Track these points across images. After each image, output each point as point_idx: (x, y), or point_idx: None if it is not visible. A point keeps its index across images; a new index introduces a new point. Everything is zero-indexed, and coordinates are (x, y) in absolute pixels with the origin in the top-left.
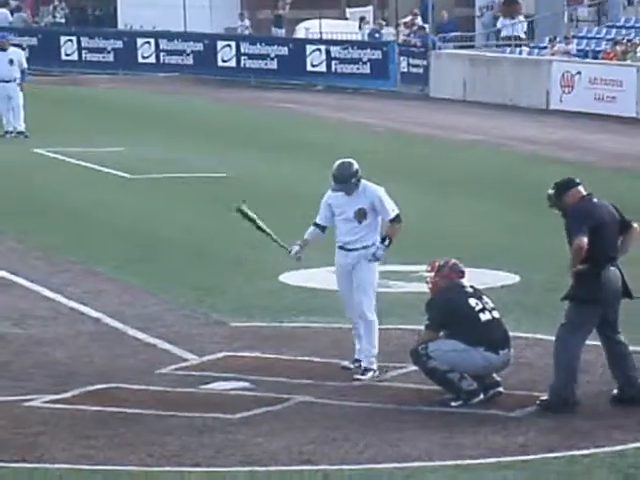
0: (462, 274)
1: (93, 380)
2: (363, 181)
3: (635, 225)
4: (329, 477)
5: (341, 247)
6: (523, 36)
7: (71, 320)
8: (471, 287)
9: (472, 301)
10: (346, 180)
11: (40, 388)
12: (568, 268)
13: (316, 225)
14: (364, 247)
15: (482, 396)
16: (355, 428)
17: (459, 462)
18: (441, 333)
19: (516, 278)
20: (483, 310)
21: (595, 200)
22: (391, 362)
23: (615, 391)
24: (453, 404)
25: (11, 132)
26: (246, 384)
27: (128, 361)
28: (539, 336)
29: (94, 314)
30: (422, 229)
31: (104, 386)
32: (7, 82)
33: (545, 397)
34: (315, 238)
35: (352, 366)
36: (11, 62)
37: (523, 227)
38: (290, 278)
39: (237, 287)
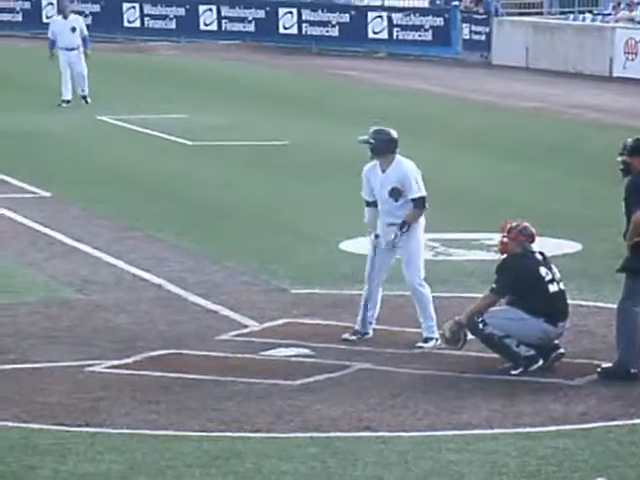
0: (532, 238)
1: (155, 346)
2: (398, 157)
3: None
4: (388, 444)
5: (387, 224)
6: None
7: (133, 286)
8: (541, 254)
9: (543, 270)
10: (372, 137)
11: (102, 353)
12: (625, 239)
13: (368, 204)
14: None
15: (541, 362)
16: (415, 395)
17: (518, 430)
18: (502, 300)
19: (578, 246)
20: (552, 281)
21: None
22: None
23: None
24: (513, 372)
25: (68, 101)
26: (306, 351)
27: (189, 327)
28: (601, 304)
29: (156, 280)
30: (484, 197)
31: (165, 352)
32: (70, 50)
33: (606, 365)
34: (375, 219)
35: (353, 337)
36: (73, 30)
37: (586, 195)
38: (350, 246)
39: (297, 254)
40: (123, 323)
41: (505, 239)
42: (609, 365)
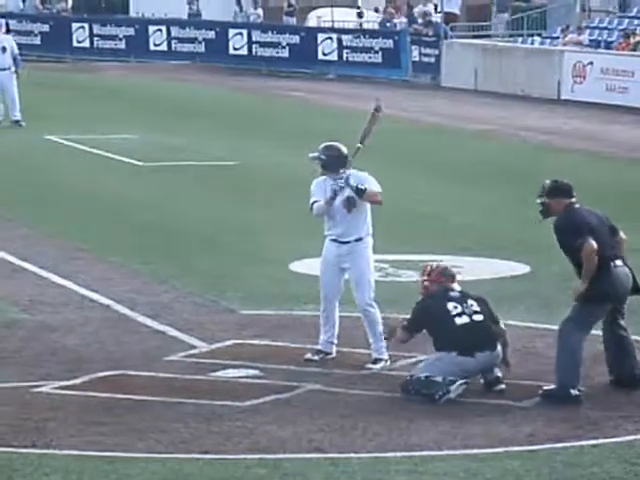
0: (452, 278)
1: (102, 367)
2: (351, 170)
3: (621, 234)
4: (337, 465)
5: (334, 240)
6: (458, 13)
7: (81, 307)
8: (460, 292)
9: (450, 305)
10: (322, 154)
11: (49, 374)
12: (581, 278)
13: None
14: (357, 239)
15: (462, 381)
16: (364, 416)
17: (467, 451)
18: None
19: (527, 268)
20: (461, 314)
21: (577, 206)
22: (400, 351)
23: (611, 377)
24: (436, 397)
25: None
26: (255, 372)
27: (137, 348)
28: (549, 326)
29: (104, 301)
30: (434, 219)
31: (113, 373)
32: (2, 70)
33: (548, 387)
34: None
35: (316, 357)
36: (4, 50)
37: (535, 217)
38: (300, 266)
39: (247, 275)
40: (71, 344)
41: (427, 282)
42: (550, 387)
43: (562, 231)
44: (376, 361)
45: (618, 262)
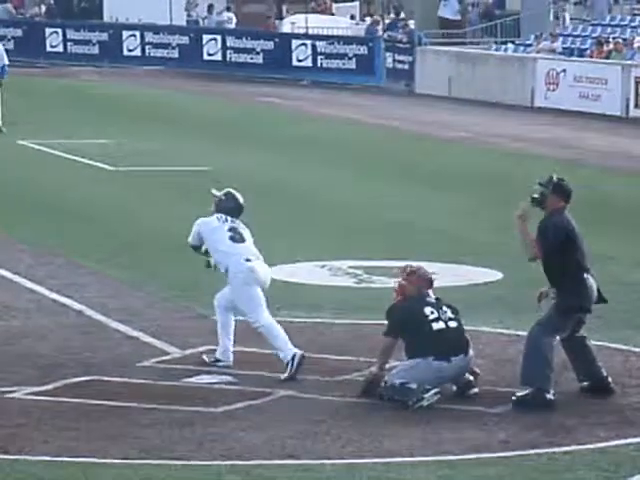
0: (430, 283)
1: (75, 372)
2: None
3: None
4: (310, 471)
5: None
6: (458, 18)
7: (53, 312)
8: (436, 298)
9: (428, 310)
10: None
11: (22, 380)
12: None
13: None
14: (225, 271)
15: (435, 390)
16: (337, 423)
17: (440, 458)
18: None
19: (499, 275)
20: (437, 319)
21: (566, 212)
22: (373, 357)
23: (585, 383)
24: (410, 403)
25: None
26: (228, 378)
27: (110, 354)
28: (521, 333)
29: (77, 306)
30: (406, 225)
31: (86, 378)
32: None
33: (521, 393)
34: None
35: (209, 359)
36: None
37: (507, 224)
38: (274, 272)
39: (220, 281)
40: (43, 349)
41: (404, 282)
42: (524, 393)
43: (544, 228)
44: (287, 365)
45: (591, 273)
